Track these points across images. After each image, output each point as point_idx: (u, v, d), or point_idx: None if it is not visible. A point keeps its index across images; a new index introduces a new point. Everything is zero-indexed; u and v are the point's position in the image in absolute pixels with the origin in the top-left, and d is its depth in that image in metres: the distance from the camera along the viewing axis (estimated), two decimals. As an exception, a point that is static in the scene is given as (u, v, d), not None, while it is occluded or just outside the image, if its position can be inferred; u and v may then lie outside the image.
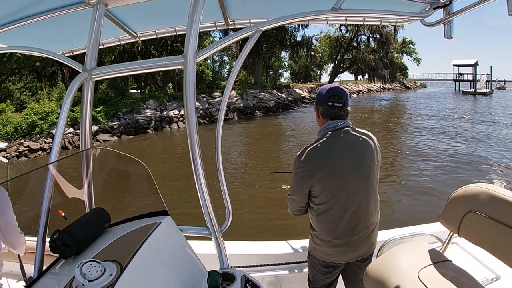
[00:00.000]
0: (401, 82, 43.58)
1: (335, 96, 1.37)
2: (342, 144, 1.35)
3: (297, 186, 1.40)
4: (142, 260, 0.93)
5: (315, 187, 1.34)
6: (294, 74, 43.83)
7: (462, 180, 6.63)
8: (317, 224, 1.42)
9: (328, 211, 1.36)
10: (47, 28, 1.56)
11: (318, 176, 1.32)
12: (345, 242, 1.39)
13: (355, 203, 1.35)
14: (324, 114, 1.41)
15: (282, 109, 22.70)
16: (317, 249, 1.46)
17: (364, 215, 1.39)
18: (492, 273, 1.60)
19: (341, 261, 1.46)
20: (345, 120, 1.40)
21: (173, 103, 18.49)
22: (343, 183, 1.32)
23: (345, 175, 1.32)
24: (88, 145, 1.30)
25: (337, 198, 1.33)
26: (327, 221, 1.38)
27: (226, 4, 1.62)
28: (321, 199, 1.36)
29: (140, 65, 1.27)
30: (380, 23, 1.68)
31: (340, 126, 1.37)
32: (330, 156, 1.33)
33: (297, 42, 29.68)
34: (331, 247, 1.41)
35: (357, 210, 1.36)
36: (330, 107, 1.38)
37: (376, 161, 1.41)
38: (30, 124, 13.45)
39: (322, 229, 1.41)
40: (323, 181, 1.32)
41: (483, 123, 14.45)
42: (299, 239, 2.05)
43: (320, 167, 1.31)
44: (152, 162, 9.45)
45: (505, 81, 45.26)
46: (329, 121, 1.39)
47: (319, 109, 1.43)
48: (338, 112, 1.38)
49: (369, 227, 1.42)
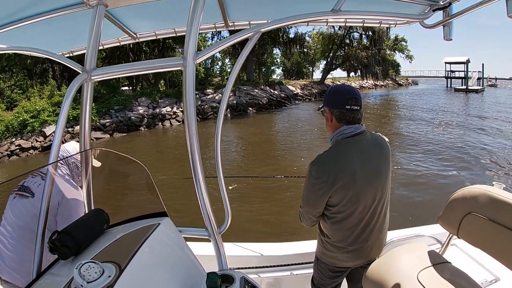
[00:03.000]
0: (393, 79, 43.77)
1: (353, 99, 1.28)
2: (360, 151, 1.28)
3: (314, 198, 1.31)
4: (141, 261, 0.93)
5: (333, 197, 1.27)
6: (286, 71, 43.83)
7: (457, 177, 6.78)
8: (331, 232, 1.37)
9: (345, 220, 1.31)
10: (47, 28, 1.56)
11: (337, 186, 1.23)
12: (358, 248, 1.36)
13: (371, 210, 1.32)
14: (340, 118, 1.30)
15: (275, 106, 22.74)
16: (328, 255, 1.42)
17: (379, 221, 1.36)
18: (492, 275, 1.60)
19: (351, 265, 1.43)
20: (361, 124, 1.32)
21: (166, 100, 18.43)
22: (363, 192, 1.27)
23: (364, 184, 1.26)
24: (87, 146, 1.30)
25: (355, 207, 1.28)
26: (342, 229, 1.34)
27: (226, 5, 1.62)
28: (339, 209, 1.29)
29: (140, 66, 1.27)
30: (380, 24, 1.68)
31: (357, 132, 1.29)
32: (349, 165, 1.24)
33: (289, 39, 29.86)
34: (344, 253, 1.38)
35: (372, 216, 1.33)
36: (348, 111, 1.28)
37: (390, 166, 1.38)
38: (21, 122, 13.31)
39: (336, 237, 1.36)
40: (343, 191, 1.25)
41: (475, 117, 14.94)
42: (298, 241, 2.05)
43: (340, 177, 1.23)
44: (152, 162, 9.46)
45: (497, 78, 45.72)
46: (345, 126, 1.29)
47: (334, 112, 1.31)
48: (356, 116, 1.29)
49: (382, 231, 1.41)
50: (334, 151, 1.30)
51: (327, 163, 1.26)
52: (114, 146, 13.20)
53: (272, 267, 1.88)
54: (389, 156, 1.37)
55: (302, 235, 3.97)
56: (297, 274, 1.85)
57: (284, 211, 5.32)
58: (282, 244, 2.02)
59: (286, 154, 9.98)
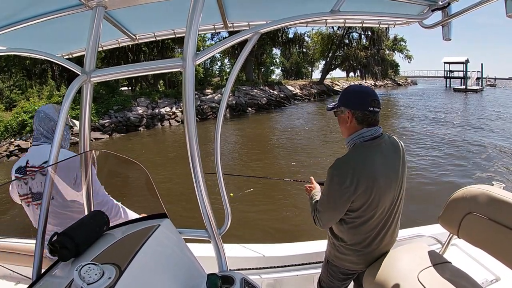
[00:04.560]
0: (392, 79, 43.90)
1: (375, 101, 1.25)
2: (380, 155, 1.26)
3: (337, 203, 1.27)
4: (141, 263, 0.93)
5: (355, 202, 1.24)
6: (285, 71, 44.00)
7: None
8: (347, 236, 1.35)
9: (364, 224, 1.29)
10: (46, 30, 1.56)
11: (361, 191, 1.21)
12: (372, 250, 1.36)
13: (388, 213, 1.31)
14: (362, 120, 1.27)
15: (274, 106, 22.78)
16: (341, 258, 1.41)
17: (393, 223, 1.36)
18: (492, 274, 1.60)
19: (364, 268, 1.42)
20: (379, 127, 1.31)
21: (165, 101, 18.43)
22: (383, 197, 1.25)
23: (384, 187, 1.24)
24: (87, 148, 1.29)
25: (375, 211, 1.27)
26: (360, 233, 1.32)
27: (225, 6, 1.62)
28: (360, 213, 1.27)
29: (140, 68, 1.26)
30: (379, 25, 1.68)
31: (376, 135, 1.27)
32: (370, 170, 1.22)
33: (289, 39, 29.96)
34: (358, 256, 1.37)
35: (388, 219, 1.33)
36: (371, 112, 1.25)
37: (406, 169, 1.37)
38: (20, 123, 13.29)
39: (353, 240, 1.35)
40: (365, 196, 1.22)
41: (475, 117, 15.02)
42: (298, 241, 2.05)
43: (363, 182, 1.20)
44: (150, 161, 9.45)
45: (496, 78, 45.82)
46: (364, 129, 1.27)
47: (355, 114, 1.27)
48: (377, 119, 1.28)
49: (394, 233, 1.41)
50: (355, 155, 1.27)
51: (349, 168, 1.22)
52: (113, 146, 13.19)
53: (272, 268, 1.88)
54: (405, 158, 1.36)
55: (302, 234, 3.98)
56: (298, 275, 1.85)
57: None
58: (282, 245, 2.02)
59: (286, 154, 9.98)
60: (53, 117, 1.53)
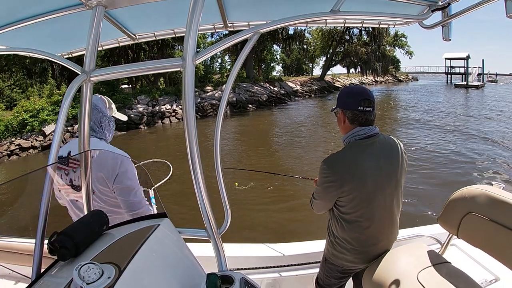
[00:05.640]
0: (393, 75, 43.76)
1: (366, 100, 1.29)
2: (372, 153, 1.28)
3: (324, 194, 1.34)
4: (141, 262, 0.93)
5: (343, 197, 1.28)
6: (286, 68, 43.78)
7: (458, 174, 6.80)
8: (341, 233, 1.37)
9: (355, 222, 1.32)
10: (46, 29, 1.56)
11: (347, 188, 1.25)
12: (369, 250, 1.37)
13: (383, 213, 1.32)
14: (353, 120, 1.32)
15: (275, 103, 22.71)
16: (338, 256, 1.42)
17: (389, 224, 1.37)
18: (491, 274, 1.60)
19: (361, 266, 1.43)
20: (375, 126, 1.33)
21: (165, 98, 18.39)
22: (374, 196, 1.27)
23: (375, 187, 1.26)
24: (86, 147, 1.29)
25: (365, 210, 1.28)
26: (352, 231, 1.34)
27: (225, 6, 1.62)
28: (348, 210, 1.30)
29: (139, 67, 1.26)
30: (379, 25, 1.68)
31: (370, 134, 1.29)
32: (360, 167, 1.24)
33: (289, 36, 29.81)
34: (355, 254, 1.38)
35: (384, 219, 1.33)
36: (361, 112, 1.29)
37: (405, 170, 1.37)
38: (20, 122, 13.27)
39: (347, 238, 1.36)
40: (353, 193, 1.26)
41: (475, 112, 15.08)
42: (298, 241, 2.05)
43: (350, 179, 1.24)
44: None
45: (497, 74, 45.78)
46: (358, 128, 1.31)
47: (346, 113, 1.33)
48: (369, 118, 1.31)
49: (392, 234, 1.41)
50: (345, 153, 1.30)
51: (337, 165, 1.27)
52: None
53: (272, 268, 1.88)
54: (402, 159, 1.36)
55: (302, 235, 3.98)
56: (297, 274, 1.86)
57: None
58: (282, 245, 2.02)
59: (287, 152, 9.98)
60: (101, 109, 1.51)
